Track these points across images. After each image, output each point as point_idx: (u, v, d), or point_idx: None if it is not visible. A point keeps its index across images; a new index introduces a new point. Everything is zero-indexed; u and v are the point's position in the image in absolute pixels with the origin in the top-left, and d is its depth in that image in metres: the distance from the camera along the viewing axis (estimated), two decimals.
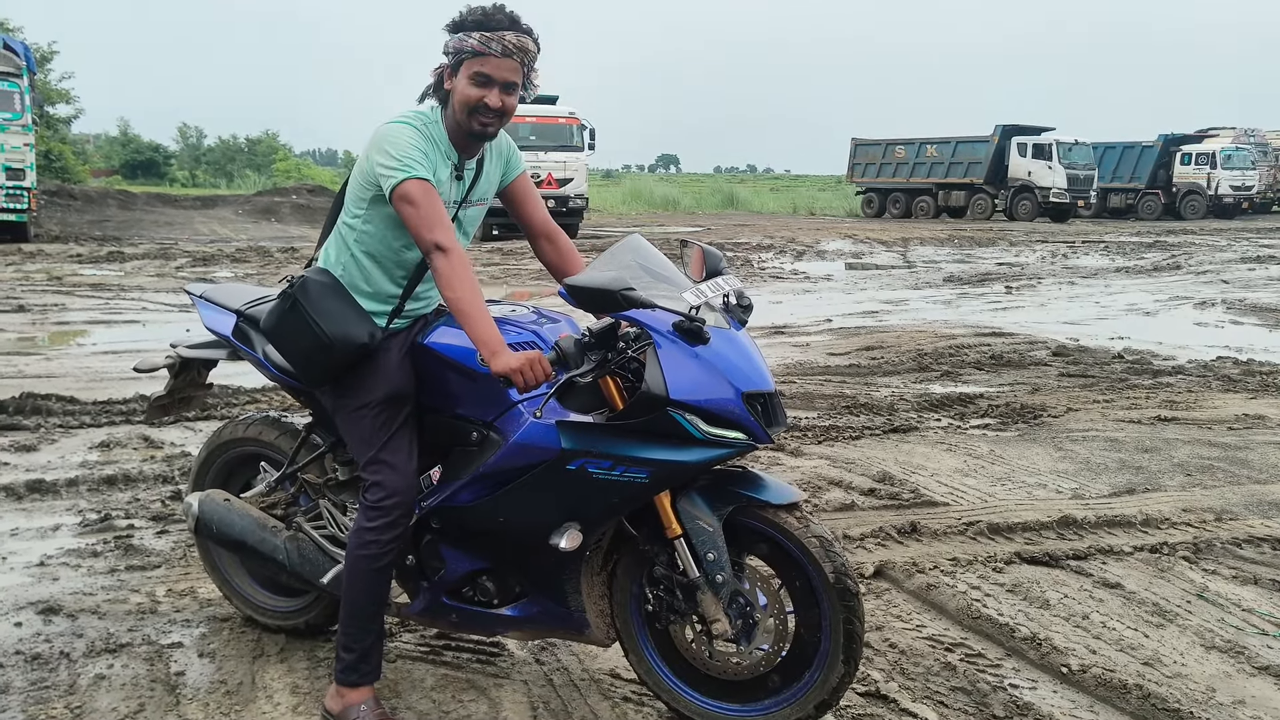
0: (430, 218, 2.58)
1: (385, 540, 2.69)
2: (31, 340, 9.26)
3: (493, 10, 2.63)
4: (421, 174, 2.61)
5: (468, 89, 2.65)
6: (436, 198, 2.62)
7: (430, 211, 2.59)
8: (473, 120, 2.69)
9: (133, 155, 57.33)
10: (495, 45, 2.61)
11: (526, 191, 3.01)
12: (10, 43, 17.87)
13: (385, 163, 2.62)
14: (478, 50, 2.62)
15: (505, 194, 3.00)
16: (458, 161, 2.77)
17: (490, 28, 2.62)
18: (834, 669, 2.59)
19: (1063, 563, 4.07)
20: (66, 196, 25.99)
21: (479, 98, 2.65)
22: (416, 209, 2.58)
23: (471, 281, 2.59)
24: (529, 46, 2.65)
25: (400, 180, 2.59)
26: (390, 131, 2.66)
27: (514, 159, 2.98)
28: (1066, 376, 7.98)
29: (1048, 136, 34.65)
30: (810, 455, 5.59)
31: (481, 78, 2.64)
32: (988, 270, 17.56)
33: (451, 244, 2.58)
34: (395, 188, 2.59)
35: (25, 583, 3.70)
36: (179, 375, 3.42)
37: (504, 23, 2.63)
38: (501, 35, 2.61)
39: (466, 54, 2.63)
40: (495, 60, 2.62)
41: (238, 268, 15.32)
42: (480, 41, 2.61)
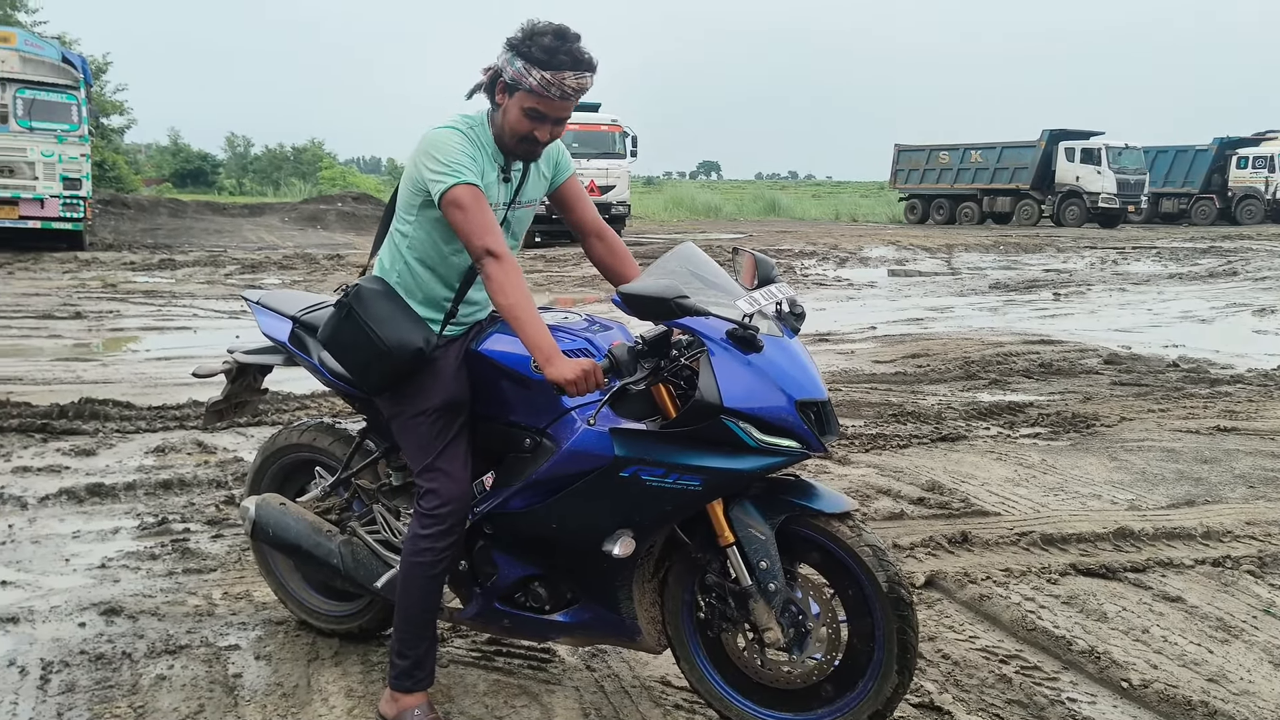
0: (480, 223, 2.60)
1: (440, 548, 2.71)
2: (87, 346, 9.46)
3: (556, 45, 2.57)
4: (470, 179, 2.62)
5: (519, 119, 2.65)
6: (485, 203, 2.64)
7: (480, 217, 2.60)
8: (519, 146, 2.71)
9: (182, 164, 58.40)
10: (554, 90, 2.59)
11: (577, 194, 3.01)
12: (68, 56, 18.27)
13: (433, 168, 2.63)
14: (536, 90, 2.59)
15: (555, 196, 3.01)
16: (504, 164, 2.78)
17: (551, 67, 2.56)
18: (888, 679, 2.57)
19: (1120, 575, 4.00)
20: (120, 205, 26.51)
21: (529, 130, 2.66)
22: (466, 214, 2.59)
23: (523, 287, 2.60)
24: (587, 84, 2.63)
25: (449, 186, 2.60)
26: (437, 137, 2.68)
27: (563, 161, 2.98)
28: (1119, 385, 7.86)
29: (1097, 141, 34.14)
30: (858, 463, 5.55)
31: (535, 113, 2.64)
32: (1035, 277, 17.34)
33: (502, 250, 2.60)
34: (444, 193, 2.61)
35: (88, 584, 3.78)
36: (235, 380, 3.48)
37: (565, 63, 2.57)
38: (562, 79, 2.57)
39: (524, 88, 2.61)
40: (552, 103, 2.62)
41: (285, 274, 15.54)
42: (540, 84, 2.58)
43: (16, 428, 5.83)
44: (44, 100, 17.09)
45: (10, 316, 10.77)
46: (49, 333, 9.97)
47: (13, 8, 30.53)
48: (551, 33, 2.59)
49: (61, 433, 5.82)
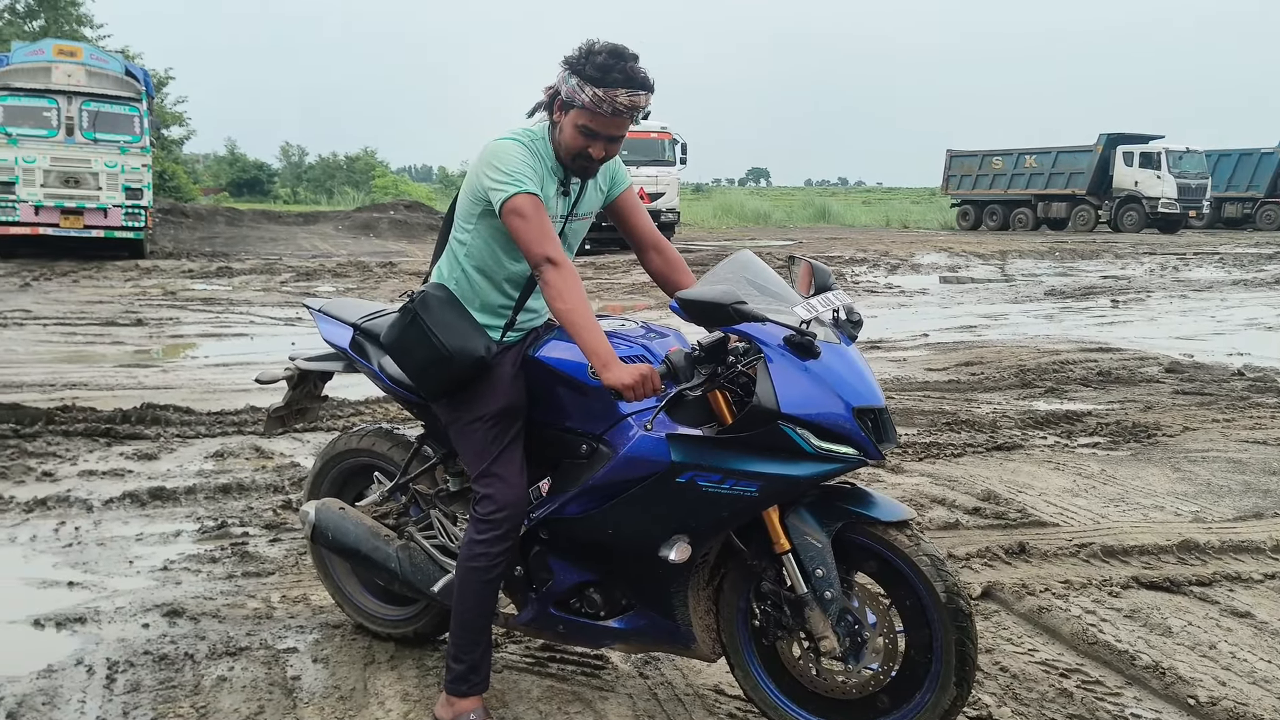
0: (539, 232, 2.62)
1: (495, 553, 2.73)
2: (148, 352, 9.67)
3: (610, 63, 2.59)
4: (530, 188, 2.65)
5: (574, 136, 2.68)
6: (544, 212, 2.67)
7: (539, 225, 2.63)
8: (575, 163, 2.74)
9: (239, 174, 59.54)
10: (606, 107, 2.61)
11: (633, 205, 3.03)
12: (131, 69, 18.72)
13: (495, 177, 2.67)
14: (588, 107, 2.62)
15: (611, 208, 3.03)
16: (564, 177, 2.81)
17: (605, 84, 2.59)
18: (946, 691, 2.54)
19: (1185, 589, 3.91)
20: (179, 214, 27.09)
21: (583, 147, 2.69)
22: (526, 222, 2.62)
23: (581, 294, 2.62)
24: (640, 102, 2.64)
25: (510, 195, 2.63)
26: (499, 147, 2.71)
27: (619, 174, 3.00)
28: (1181, 394, 7.69)
29: (1156, 145, 33.47)
30: (911, 472, 5.49)
31: (588, 131, 2.66)
32: (1092, 283, 17.05)
33: (561, 257, 2.63)
34: (505, 202, 2.64)
35: (151, 586, 3.86)
36: (297, 387, 3.53)
37: (619, 80, 2.59)
38: (614, 96, 2.59)
39: (577, 105, 2.64)
40: (605, 119, 2.64)
41: (339, 282, 15.76)
42: (592, 100, 2.60)
43: (82, 432, 5.97)
44: (108, 113, 17.53)
45: (75, 323, 11.05)
46: (112, 339, 10.21)
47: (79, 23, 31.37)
48: (607, 51, 2.61)
49: (125, 437, 5.95)
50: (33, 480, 5.11)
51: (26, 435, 5.84)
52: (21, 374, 7.96)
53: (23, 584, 3.87)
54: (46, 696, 3.01)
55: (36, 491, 4.89)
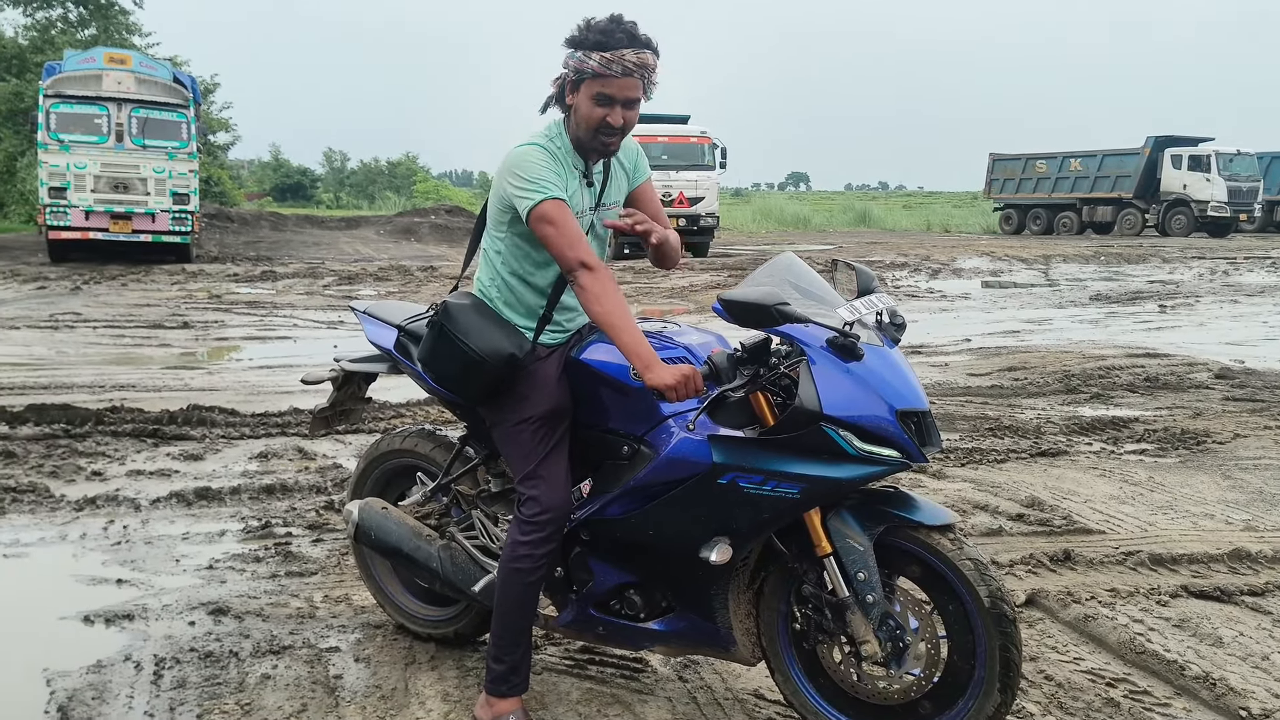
0: (570, 237, 2.63)
1: (539, 554, 2.74)
2: (194, 355, 9.82)
3: (610, 27, 2.63)
4: (555, 194, 2.66)
5: (591, 109, 2.68)
6: (572, 216, 2.67)
7: (568, 231, 2.64)
8: (596, 138, 2.73)
9: (282, 179, 60.37)
10: (616, 66, 2.61)
11: (648, 197, 3.03)
12: (179, 76, 19.07)
13: (519, 185, 2.68)
14: (598, 72, 2.62)
15: (629, 196, 3.02)
16: (585, 168, 2.82)
17: (609, 47, 2.61)
18: (989, 698, 2.51)
19: (1236, 598, 3.83)
20: (224, 219, 27.50)
21: (602, 117, 2.68)
22: (555, 229, 2.63)
23: (618, 296, 2.62)
24: (648, 61, 2.65)
25: (536, 203, 2.64)
26: (520, 155, 2.72)
27: (640, 162, 3.01)
28: (1232, 400, 7.54)
29: (1205, 147, 32.89)
30: (953, 478, 5.43)
31: (603, 98, 2.66)
32: (1139, 288, 16.78)
33: (594, 260, 2.63)
34: (531, 210, 2.65)
35: (197, 584, 3.91)
36: (341, 388, 3.57)
37: (622, 40, 2.62)
38: (621, 55, 2.61)
39: (587, 74, 2.65)
40: (617, 80, 2.63)
41: (380, 285, 15.91)
42: (600, 63, 2.61)
43: (130, 432, 6.07)
44: (156, 119, 17.86)
45: (123, 326, 11.25)
46: (159, 342, 10.39)
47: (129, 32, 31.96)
48: (605, 19, 2.65)
49: (171, 438, 6.04)
50: (83, 479, 5.21)
51: (77, 435, 5.95)
52: (72, 375, 8.12)
53: (73, 581, 3.94)
54: (96, 691, 3.07)
55: (86, 490, 4.98)
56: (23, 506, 4.74)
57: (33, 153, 20.67)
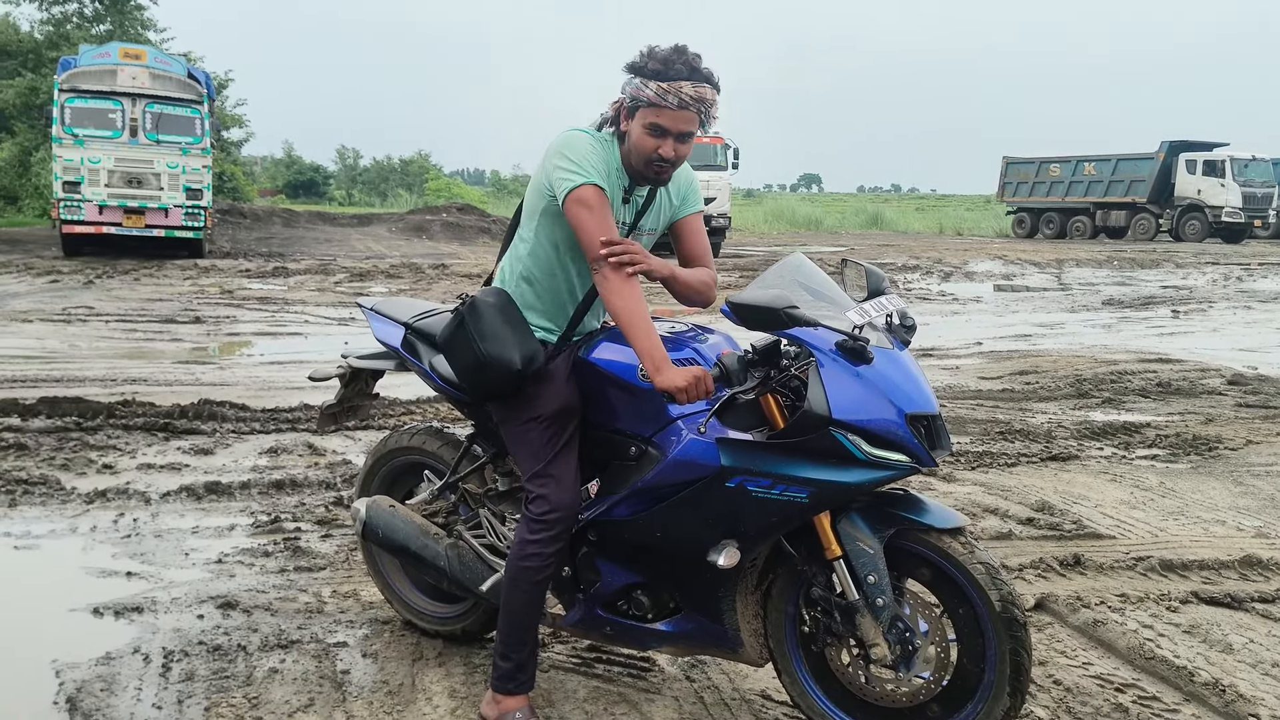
0: (601, 225, 2.60)
1: (547, 553, 2.73)
2: (205, 350, 9.85)
3: (672, 57, 2.58)
4: (598, 181, 2.63)
5: (643, 137, 2.64)
6: (609, 207, 2.65)
7: (602, 218, 2.61)
8: (648, 169, 2.69)
9: (295, 176, 60.51)
10: (672, 99, 2.57)
11: (695, 229, 2.95)
12: (193, 72, 19.12)
13: (564, 166, 2.64)
14: (654, 101, 2.59)
15: (673, 226, 2.95)
16: (628, 186, 2.79)
17: (668, 77, 2.57)
18: (998, 702, 2.50)
19: (1247, 605, 3.81)
20: (237, 215, 27.60)
21: (654, 148, 2.64)
22: (590, 213, 2.60)
23: (638, 294, 2.61)
24: (706, 95, 2.61)
25: (577, 185, 2.61)
26: (571, 138, 2.70)
27: (691, 194, 2.93)
28: (1245, 407, 7.50)
29: (1220, 152, 32.71)
30: (964, 481, 5.42)
31: (657, 129, 2.62)
32: (1152, 293, 16.71)
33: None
34: (571, 191, 2.61)
35: (206, 578, 3.93)
36: (349, 384, 3.57)
37: (682, 72, 2.57)
38: (679, 87, 2.57)
39: (643, 102, 2.61)
40: (670, 112, 2.60)
41: (391, 283, 15.93)
42: (657, 94, 2.58)
43: (141, 426, 6.09)
44: (170, 114, 17.91)
45: (135, 320, 11.29)
46: (170, 336, 10.42)
47: (144, 27, 32.07)
48: (669, 49, 2.61)
49: (182, 432, 6.06)
50: (93, 472, 5.23)
51: (88, 428, 5.98)
52: (84, 369, 8.15)
53: (83, 573, 3.95)
54: (105, 683, 3.08)
55: (97, 483, 5.00)
56: (34, 499, 4.76)
57: (47, 147, 20.77)
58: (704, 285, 2.87)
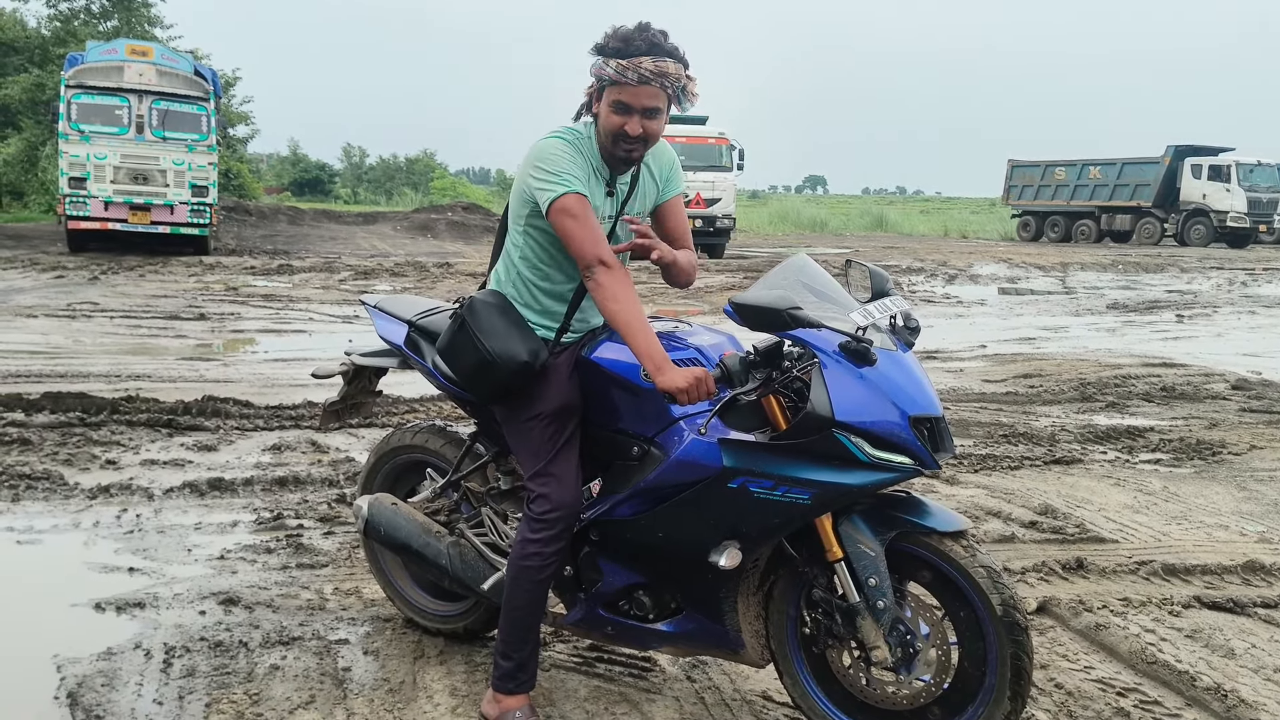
0: (588, 232, 2.61)
1: (549, 552, 2.73)
2: (210, 346, 9.86)
3: (633, 35, 2.60)
4: (577, 188, 2.64)
5: (609, 116, 2.66)
6: (592, 212, 2.65)
7: (588, 226, 2.62)
8: (617, 147, 2.70)
9: (301, 174, 60.51)
10: (631, 74, 2.59)
11: (677, 210, 2.99)
12: (200, 69, 19.13)
13: (540, 178, 2.66)
14: (614, 79, 2.61)
15: (657, 208, 2.98)
16: (609, 178, 2.80)
17: (628, 54, 2.58)
18: (999, 705, 2.50)
19: (1249, 610, 3.80)
20: (242, 212, 27.63)
21: (619, 125, 2.65)
22: (575, 223, 2.61)
23: (634, 296, 2.61)
24: (668, 70, 2.60)
25: (557, 195, 2.62)
26: (545, 147, 2.71)
27: (674, 176, 2.96)
28: (1249, 412, 7.48)
29: (1226, 157, 32.66)
30: (967, 484, 5.41)
31: (620, 105, 2.63)
32: (1156, 298, 16.68)
33: (613, 259, 2.61)
34: (552, 203, 2.63)
35: (208, 574, 3.93)
36: (352, 382, 3.57)
37: (641, 48, 2.59)
38: (638, 63, 2.58)
39: (606, 81, 2.63)
40: (632, 88, 2.60)
41: (396, 281, 15.94)
42: (617, 70, 2.59)
43: (145, 422, 6.10)
44: (177, 111, 17.94)
45: (140, 317, 11.30)
46: (175, 333, 10.43)
47: (151, 24, 32.13)
48: (631, 27, 2.63)
49: (186, 428, 6.07)
50: (97, 468, 5.24)
51: (92, 424, 5.98)
52: (88, 364, 8.17)
53: (85, 568, 3.96)
54: (105, 678, 3.08)
55: (100, 479, 5.00)
56: (37, 494, 4.77)
57: (53, 143, 20.79)
58: (692, 267, 2.95)
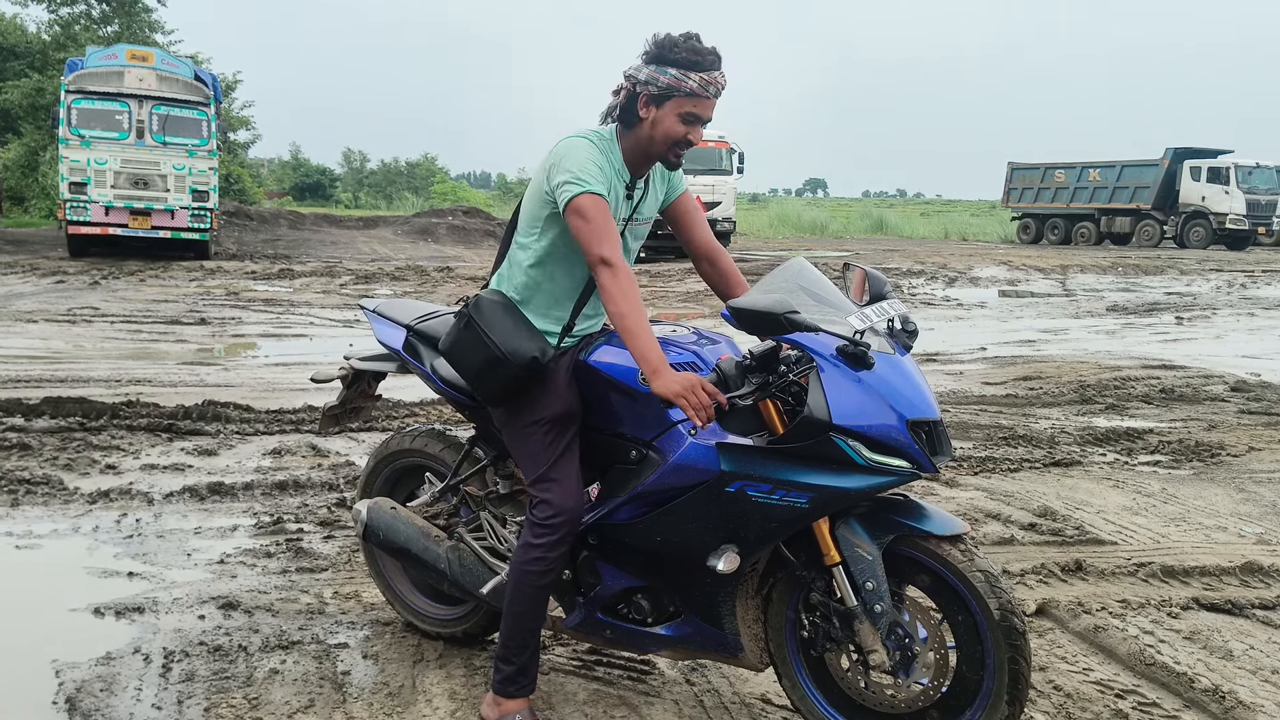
0: (601, 232, 2.62)
1: (551, 558, 2.74)
2: (210, 351, 9.87)
3: (705, 49, 2.66)
4: (598, 189, 2.65)
5: (675, 125, 2.69)
6: (609, 214, 2.66)
7: (602, 226, 2.62)
8: (670, 153, 2.74)
9: (302, 178, 60.54)
10: (713, 90, 2.67)
11: (689, 211, 3.03)
12: (200, 74, 19.15)
13: (563, 177, 2.66)
14: (696, 92, 2.65)
15: (668, 213, 3.03)
16: (630, 181, 2.82)
17: (706, 68, 2.65)
18: (997, 709, 2.50)
19: (1247, 612, 3.81)
20: (243, 217, 27.62)
21: (684, 134, 2.70)
22: (588, 223, 2.62)
23: (636, 298, 2.61)
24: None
25: (577, 194, 2.63)
26: (570, 146, 2.72)
27: (675, 178, 3.01)
28: (1247, 414, 7.49)
29: (1225, 159, 32.67)
30: (966, 486, 5.42)
31: (691, 117, 2.68)
32: (1156, 300, 16.68)
33: (618, 260, 2.62)
34: (570, 201, 2.63)
35: (207, 578, 3.93)
36: (351, 386, 3.57)
37: (715, 63, 2.66)
38: (716, 78, 2.67)
39: (681, 92, 2.65)
40: (708, 101, 2.68)
41: (396, 285, 15.95)
42: (700, 85, 2.64)
43: (145, 427, 6.11)
44: (177, 116, 17.95)
45: (141, 321, 11.31)
46: (176, 337, 10.44)
47: (151, 29, 32.16)
48: (688, 38, 2.67)
49: (186, 433, 6.07)
50: (97, 473, 5.25)
51: (92, 429, 5.99)
52: (89, 369, 8.18)
53: (85, 573, 3.96)
54: (104, 683, 3.09)
55: (100, 484, 5.01)
56: (36, 499, 4.77)
57: (54, 148, 20.81)
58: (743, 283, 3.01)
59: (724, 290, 3.00)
